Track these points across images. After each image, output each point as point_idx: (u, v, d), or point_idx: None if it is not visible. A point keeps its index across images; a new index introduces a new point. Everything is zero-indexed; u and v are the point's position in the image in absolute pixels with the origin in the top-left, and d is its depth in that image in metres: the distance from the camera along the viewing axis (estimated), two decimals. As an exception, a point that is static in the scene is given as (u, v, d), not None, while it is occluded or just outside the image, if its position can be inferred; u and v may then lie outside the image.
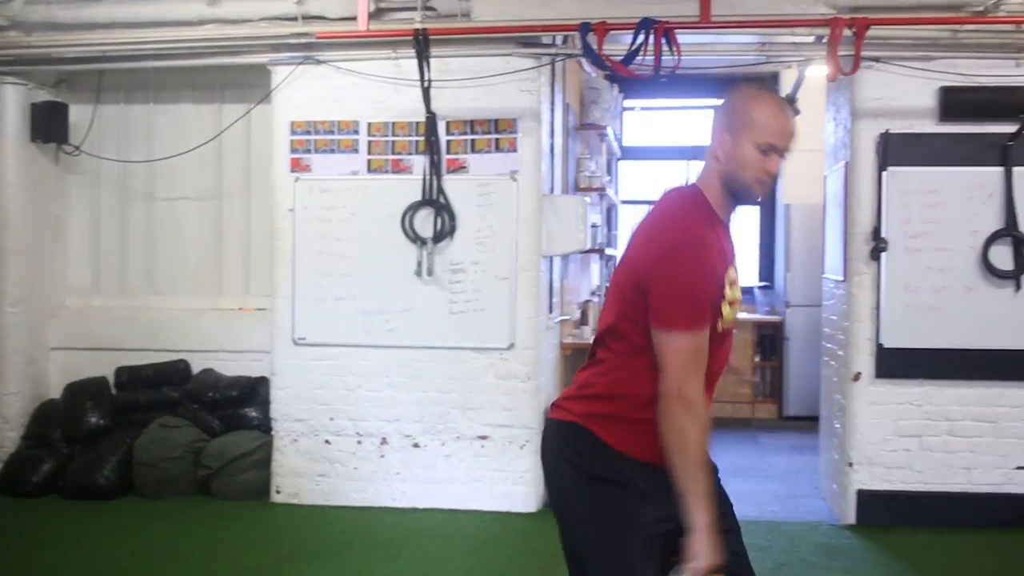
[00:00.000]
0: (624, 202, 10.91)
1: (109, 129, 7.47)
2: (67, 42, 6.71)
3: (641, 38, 5.49)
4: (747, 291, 10.92)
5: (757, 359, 10.20)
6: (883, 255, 6.22)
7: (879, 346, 6.26)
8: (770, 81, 10.46)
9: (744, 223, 11.32)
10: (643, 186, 11.52)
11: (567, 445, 2.83)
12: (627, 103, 11.03)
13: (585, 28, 5.58)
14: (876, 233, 6.22)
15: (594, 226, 8.64)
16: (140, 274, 7.58)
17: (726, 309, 2.73)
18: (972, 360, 6.21)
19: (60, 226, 7.56)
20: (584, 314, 8.51)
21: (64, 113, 7.30)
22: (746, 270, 11.28)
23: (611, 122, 9.04)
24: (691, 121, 11.64)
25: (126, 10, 6.56)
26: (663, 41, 5.48)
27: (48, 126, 7.19)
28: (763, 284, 11.09)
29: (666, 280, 2.65)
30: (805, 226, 9.68)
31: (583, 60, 5.88)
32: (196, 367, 7.23)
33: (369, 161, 6.56)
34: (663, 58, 5.53)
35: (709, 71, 10.22)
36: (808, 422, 8.45)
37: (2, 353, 7.14)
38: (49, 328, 7.43)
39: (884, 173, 6.21)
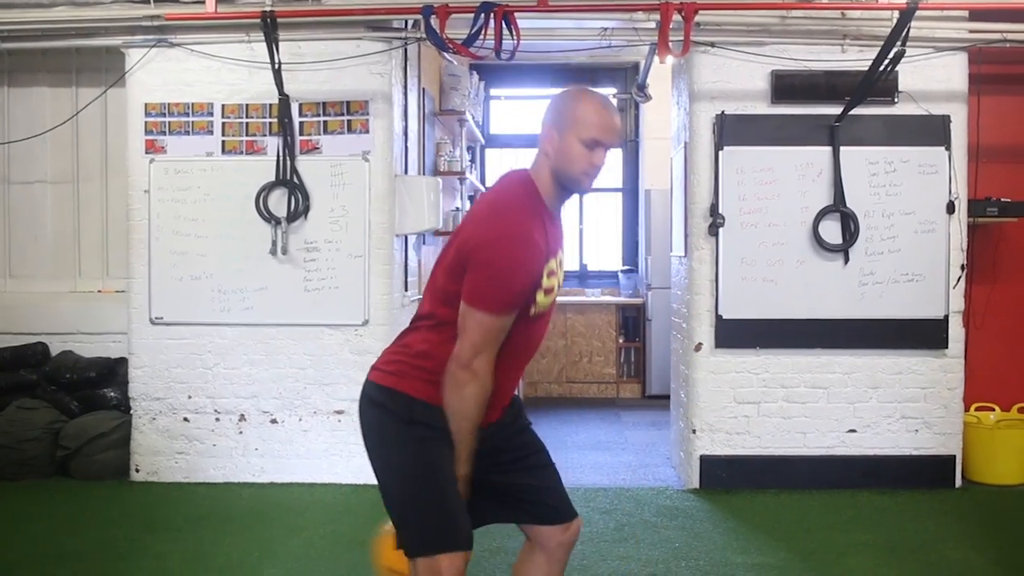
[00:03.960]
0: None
1: (-38, 112, 7.37)
2: (-84, 24, 6.56)
3: (481, 20, 5.60)
4: (611, 275, 11.15)
5: (621, 340, 10.33)
6: (720, 231, 6.39)
7: (718, 317, 6.44)
8: (631, 70, 10.74)
9: (609, 209, 11.58)
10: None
11: (385, 401, 2.98)
12: (493, 92, 11.23)
13: (427, 11, 5.67)
14: (714, 209, 6.40)
15: (456, 210, 8.81)
16: (-4, 258, 7.52)
17: (541, 297, 2.90)
18: (805, 329, 6.43)
19: (-87, 210, 7.44)
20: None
21: (-85, 96, 7.16)
22: (610, 255, 11.52)
23: (472, 109, 9.16)
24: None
25: (-24, -8, 6.46)
26: (503, 24, 5.63)
27: (-101, 109, 7.05)
28: (627, 268, 11.10)
29: (485, 266, 2.80)
30: (664, 210, 9.51)
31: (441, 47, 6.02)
32: (55, 350, 7.16)
33: (223, 142, 6.58)
34: (503, 41, 5.66)
35: (573, 61, 10.48)
36: (669, 400, 8.66)
37: None
38: (-97, 313, 7.29)
39: (721, 153, 6.38)
